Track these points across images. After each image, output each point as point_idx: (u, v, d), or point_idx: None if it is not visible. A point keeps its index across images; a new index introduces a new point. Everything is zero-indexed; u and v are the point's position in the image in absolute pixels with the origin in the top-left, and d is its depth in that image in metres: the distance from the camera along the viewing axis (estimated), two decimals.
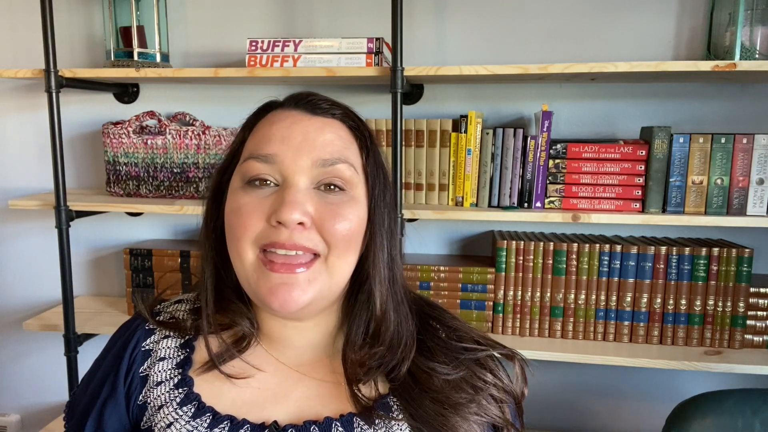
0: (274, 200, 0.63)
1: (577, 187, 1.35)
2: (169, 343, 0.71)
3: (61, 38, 1.58)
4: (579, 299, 1.38)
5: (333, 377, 0.70)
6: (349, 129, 0.69)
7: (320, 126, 0.66)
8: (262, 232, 0.63)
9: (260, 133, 0.67)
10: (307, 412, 0.67)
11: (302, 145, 0.64)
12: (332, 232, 0.63)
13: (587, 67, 1.24)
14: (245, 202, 0.64)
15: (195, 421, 0.65)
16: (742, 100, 1.45)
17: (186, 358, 0.70)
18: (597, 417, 1.62)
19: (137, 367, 0.70)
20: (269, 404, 0.67)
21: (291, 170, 0.64)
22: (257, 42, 1.38)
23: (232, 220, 0.65)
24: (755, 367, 1.26)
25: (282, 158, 0.64)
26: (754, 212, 1.29)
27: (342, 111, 0.69)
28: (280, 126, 0.66)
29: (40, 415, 1.85)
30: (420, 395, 0.65)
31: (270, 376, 0.69)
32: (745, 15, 1.29)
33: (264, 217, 0.63)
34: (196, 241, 1.68)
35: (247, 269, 0.64)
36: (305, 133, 0.65)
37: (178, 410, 0.66)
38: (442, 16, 1.52)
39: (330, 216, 0.63)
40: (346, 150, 0.67)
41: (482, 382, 0.68)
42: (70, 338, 1.50)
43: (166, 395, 0.67)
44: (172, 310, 0.76)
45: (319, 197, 0.64)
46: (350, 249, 0.66)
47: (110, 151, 1.53)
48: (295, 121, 0.66)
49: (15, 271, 1.80)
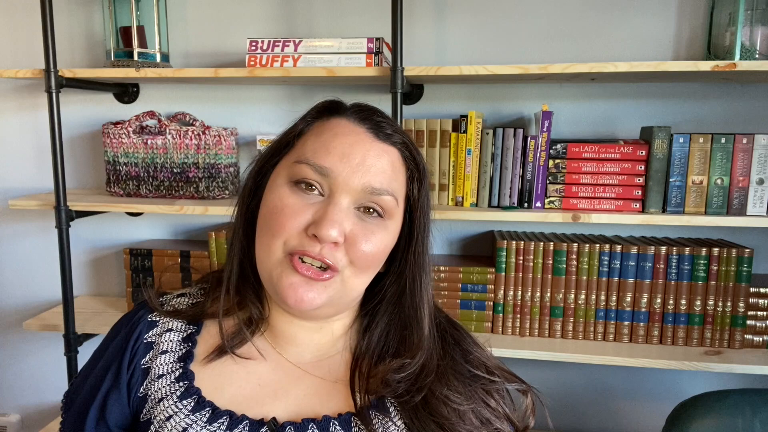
0: (316, 211, 0.65)
1: (577, 187, 1.35)
2: (171, 336, 0.72)
3: (61, 38, 1.58)
4: (579, 299, 1.38)
5: (333, 377, 0.71)
6: (403, 159, 0.71)
7: (379, 153, 0.68)
8: (297, 238, 0.65)
9: (321, 139, 0.68)
10: (305, 410, 0.68)
11: (358, 168, 0.66)
12: (358, 254, 0.66)
13: (587, 67, 1.24)
14: (290, 203, 0.65)
15: (194, 415, 0.66)
16: (742, 100, 1.45)
17: (188, 352, 0.71)
18: (597, 417, 1.62)
19: (139, 359, 0.71)
20: (268, 400, 0.68)
21: (340, 188, 0.66)
22: (257, 42, 1.38)
23: (271, 216, 0.66)
24: (755, 367, 1.26)
25: (336, 175, 0.65)
26: (754, 212, 1.29)
27: (401, 140, 0.71)
28: (342, 141, 0.67)
29: (40, 415, 1.85)
30: (426, 417, 0.66)
31: (271, 371, 0.70)
32: (745, 15, 1.29)
33: (303, 225, 0.65)
34: (196, 241, 1.68)
35: (272, 262, 0.66)
36: (364, 156, 0.67)
37: (178, 404, 0.66)
38: (442, 16, 1.52)
39: (362, 238, 0.66)
40: (395, 180, 0.69)
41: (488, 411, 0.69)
42: (70, 338, 1.50)
43: (167, 388, 0.68)
44: (175, 303, 0.77)
45: (357, 217, 0.67)
46: (369, 270, 0.69)
47: (110, 151, 1.53)
48: (359, 141, 0.68)
49: (15, 271, 1.80)
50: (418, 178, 0.72)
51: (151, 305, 0.75)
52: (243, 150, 1.62)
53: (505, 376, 0.74)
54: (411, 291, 0.72)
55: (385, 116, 0.72)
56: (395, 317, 0.73)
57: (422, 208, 0.72)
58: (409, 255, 0.72)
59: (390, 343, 0.72)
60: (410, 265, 0.72)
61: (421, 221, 0.72)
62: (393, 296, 0.73)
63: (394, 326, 0.73)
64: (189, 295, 0.78)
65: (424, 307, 0.72)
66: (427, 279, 0.73)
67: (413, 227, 0.72)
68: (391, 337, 0.72)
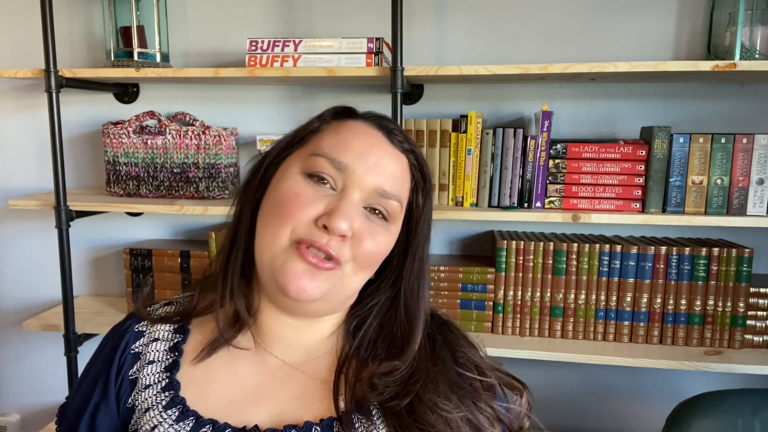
0: (328, 203, 0.66)
1: (577, 187, 1.35)
2: (157, 347, 0.73)
3: (61, 38, 1.58)
4: (579, 299, 1.38)
5: (318, 377, 0.71)
6: (411, 168, 0.73)
7: (394, 157, 0.70)
8: (306, 228, 0.65)
9: (341, 136, 0.69)
10: (288, 414, 0.68)
11: (374, 168, 0.68)
12: (362, 251, 0.67)
13: (587, 67, 1.24)
14: (305, 192, 0.66)
15: (178, 425, 0.66)
16: (742, 100, 1.45)
17: (174, 362, 0.71)
18: (597, 417, 1.62)
19: (127, 370, 0.71)
20: (252, 405, 0.68)
21: (355, 185, 0.67)
22: (257, 42, 1.38)
23: (283, 203, 0.66)
24: (755, 367, 1.26)
25: (353, 171, 0.67)
26: (754, 212, 1.29)
27: (411, 149, 0.73)
28: (362, 140, 0.69)
29: (40, 415, 1.85)
30: (411, 424, 0.65)
31: (256, 372, 0.70)
32: (745, 15, 1.29)
33: (314, 216, 0.65)
34: (196, 241, 1.68)
35: (277, 249, 0.66)
36: (380, 158, 0.69)
37: (162, 413, 0.67)
38: (442, 16, 1.52)
39: (368, 236, 0.67)
40: (402, 187, 0.71)
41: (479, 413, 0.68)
42: (70, 338, 1.50)
43: (153, 398, 0.68)
44: (161, 313, 0.77)
45: (364, 216, 0.68)
46: (367, 269, 0.70)
47: (110, 151, 1.53)
48: (376, 144, 0.70)
49: (15, 270, 1.80)
50: (423, 188, 0.73)
51: (139, 314, 0.76)
52: (243, 150, 1.62)
53: (498, 377, 0.74)
54: (408, 297, 0.73)
55: (397, 125, 0.74)
56: (387, 322, 0.73)
57: (425, 218, 0.74)
58: (407, 262, 0.73)
59: (379, 346, 0.72)
60: (408, 271, 0.73)
61: (424, 230, 0.74)
62: (387, 301, 0.74)
63: (385, 331, 0.73)
64: (176, 303, 0.78)
65: (420, 313, 0.72)
66: (425, 286, 0.74)
67: (416, 235, 0.73)
68: (380, 341, 0.72)
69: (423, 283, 0.74)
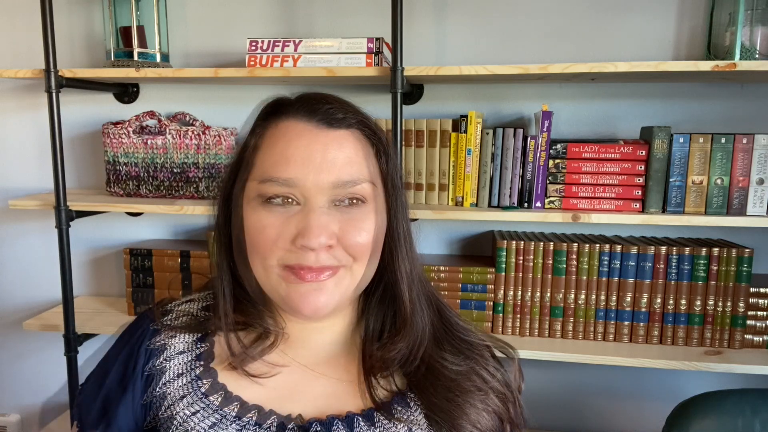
0: (298, 221, 0.64)
1: (577, 187, 1.35)
2: (179, 340, 0.71)
3: (61, 38, 1.58)
4: (579, 299, 1.38)
5: (348, 376, 0.71)
6: (366, 138, 0.69)
7: (339, 142, 0.65)
8: (288, 253, 0.64)
9: (278, 150, 0.65)
10: (326, 409, 0.68)
11: (322, 166, 0.64)
12: (355, 247, 0.65)
13: (587, 67, 1.24)
14: (270, 222, 0.64)
15: (223, 410, 0.65)
16: (742, 100, 1.45)
17: (208, 352, 0.70)
18: (597, 417, 1.62)
19: (145, 367, 0.70)
20: (287, 402, 0.68)
21: (312, 192, 0.64)
22: (257, 42, 1.38)
23: (256, 238, 0.65)
24: (755, 367, 1.26)
25: (303, 181, 0.63)
26: (754, 212, 1.29)
27: (356, 119, 0.68)
28: (298, 145, 0.64)
29: (40, 415, 1.84)
30: (434, 383, 0.67)
31: (286, 375, 0.70)
32: (745, 15, 1.29)
33: (289, 239, 0.64)
34: (196, 241, 1.68)
35: (273, 280, 0.66)
36: (324, 151, 0.64)
37: (203, 399, 0.66)
38: (442, 16, 1.52)
39: (353, 231, 0.65)
40: (365, 163, 0.67)
41: (487, 373, 0.71)
42: (70, 338, 1.50)
43: (189, 386, 0.67)
44: (182, 310, 0.76)
45: (341, 213, 0.65)
46: (373, 257, 0.68)
47: (110, 151, 1.53)
48: (314, 138, 0.65)
49: (15, 270, 1.80)
50: (384, 151, 0.69)
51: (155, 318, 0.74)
52: None
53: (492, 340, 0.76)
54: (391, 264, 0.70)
55: (334, 100, 0.69)
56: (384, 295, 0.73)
57: (392, 181, 0.70)
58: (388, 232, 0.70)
59: (387, 321, 0.72)
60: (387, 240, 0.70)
61: (392, 194, 0.70)
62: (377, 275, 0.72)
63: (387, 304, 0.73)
64: (198, 300, 0.77)
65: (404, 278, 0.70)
66: (405, 251, 0.70)
67: (388, 197, 0.70)
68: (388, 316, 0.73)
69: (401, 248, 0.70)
